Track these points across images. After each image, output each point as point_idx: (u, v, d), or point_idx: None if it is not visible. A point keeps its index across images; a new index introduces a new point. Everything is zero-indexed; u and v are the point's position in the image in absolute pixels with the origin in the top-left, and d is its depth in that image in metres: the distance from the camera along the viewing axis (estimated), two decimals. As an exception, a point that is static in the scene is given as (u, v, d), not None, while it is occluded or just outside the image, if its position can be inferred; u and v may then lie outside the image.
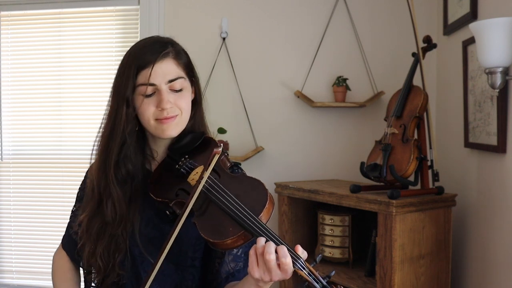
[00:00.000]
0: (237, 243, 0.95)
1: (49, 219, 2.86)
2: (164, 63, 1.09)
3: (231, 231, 0.94)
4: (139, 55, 1.10)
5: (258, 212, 0.95)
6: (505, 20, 1.44)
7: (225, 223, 0.96)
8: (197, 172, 1.08)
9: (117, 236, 1.11)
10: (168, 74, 1.10)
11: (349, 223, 2.11)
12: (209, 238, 0.95)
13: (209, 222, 0.98)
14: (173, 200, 1.05)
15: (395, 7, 2.46)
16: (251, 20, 2.59)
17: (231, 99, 2.58)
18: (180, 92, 1.12)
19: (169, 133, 1.12)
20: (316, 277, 0.90)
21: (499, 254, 1.69)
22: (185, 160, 1.12)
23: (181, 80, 1.12)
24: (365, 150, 2.21)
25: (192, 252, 1.13)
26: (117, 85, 1.12)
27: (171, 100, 1.10)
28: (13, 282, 2.92)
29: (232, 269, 1.11)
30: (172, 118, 1.11)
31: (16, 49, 2.85)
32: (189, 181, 1.07)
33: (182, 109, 1.12)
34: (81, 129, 2.80)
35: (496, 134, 1.67)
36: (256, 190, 1.01)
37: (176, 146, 1.16)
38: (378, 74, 2.48)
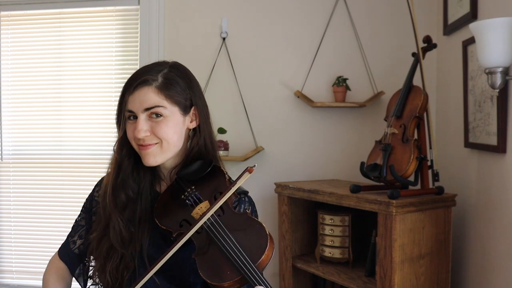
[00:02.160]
0: (233, 287, 0.98)
1: (49, 219, 2.86)
2: (142, 92, 1.09)
3: (229, 275, 0.97)
4: (129, 80, 1.13)
5: (257, 258, 0.98)
6: (505, 20, 1.44)
7: (224, 266, 0.98)
8: (201, 207, 1.09)
9: (126, 256, 1.13)
10: (144, 102, 1.09)
11: (349, 223, 2.11)
12: (207, 279, 0.98)
13: (209, 262, 1.01)
14: (176, 231, 1.08)
15: (395, 7, 2.46)
16: (251, 20, 2.59)
17: (231, 99, 2.58)
18: (160, 119, 1.10)
19: (147, 161, 1.12)
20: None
21: (499, 254, 1.69)
22: (191, 191, 1.13)
23: (161, 109, 1.10)
24: (365, 150, 2.21)
25: (193, 277, 1.14)
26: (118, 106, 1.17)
27: (147, 128, 1.10)
28: (13, 282, 2.92)
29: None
30: (149, 146, 1.11)
31: (16, 49, 2.85)
32: (193, 215, 1.09)
33: (162, 138, 1.11)
34: (81, 129, 2.80)
35: (496, 134, 1.67)
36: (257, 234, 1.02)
37: (184, 172, 1.16)
38: (378, 74, 2.48)
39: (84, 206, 1.29)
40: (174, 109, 1.12)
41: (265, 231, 1.01)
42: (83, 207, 1.29)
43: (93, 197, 1.27)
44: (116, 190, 1.14)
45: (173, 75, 1.13)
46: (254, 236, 1.02)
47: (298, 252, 2.30)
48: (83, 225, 1.27)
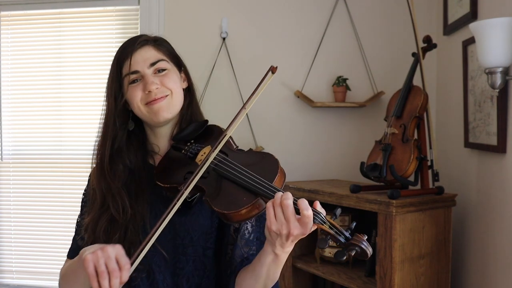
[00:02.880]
0: (252, 212, 0.94)
1: (49, 219, 2.86)
2: (143, 50, 1.15)
3: (245, 200, 0.93)
4: (119, 51, 1.17)
5: (271, 179, 0.95)
6: (505, 20, 1.44)
7: (238, 194, 0.95)
8: (204, 152, 1.08)
9: (128, 231, 1.11)
10: (148, 59, 1.14)
11: (349, 223, 2.11)
12: (224, 210, 0.93)
13: (222, 196, 0.97)
14: (182, 183, 1.04)
15: (395, 7, 2.46)
16: (251, 20, 2.59)
17: (231, 99, 2.58)
18: (165, 73, 1.16)
19: (162, 114, 1.13)
20: (339, 230, 0.90)
21: (499, 254, 1.69)
22: (190, 145, 1.13)
23: (164, 62, 1.16)
24: (365, 150, 2.21)
25: (203, 242, 1.13)
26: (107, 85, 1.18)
27: (157, 82, 1.13)
28: (13, 282, 2.92)
29: (246, 253, 1.11)
30: (161, 99, 1.13)
31: (16, 49, 2.85)
32: (197, 162, 1.07)
33: (171, 89, 1.15)
34: (81, 129, 2.80)
35: (496, 134, 1.67)
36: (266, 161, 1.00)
37: (180, 135, 1.17)
38: (378, 74, 2.48)
39: (83, 200, 1.28)
40: (172, 64, 1.19)
41: (273, 157, 1.00)
42: (82, 202, 1.28)
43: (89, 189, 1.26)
44: (113, 159, 1.16)
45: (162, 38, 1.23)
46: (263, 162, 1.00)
47: (298, 252, 2.30)
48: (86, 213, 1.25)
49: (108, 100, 1.17)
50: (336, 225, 0.90)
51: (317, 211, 0.91)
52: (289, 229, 0.89)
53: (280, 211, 0.89)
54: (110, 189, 1.14)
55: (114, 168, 1.15)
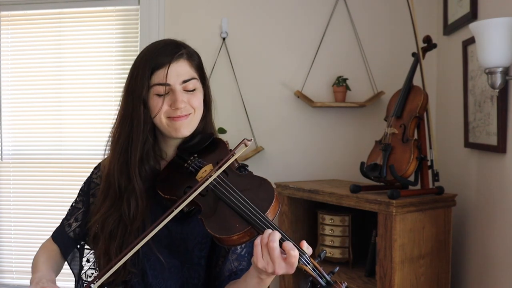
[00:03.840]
0: (243, 239, 0.96)
1: (49, 219, 2.85)
2: (179, 64, 1.13)
3: (238, 227, 0.95)
4: (153, 56, 1.12)
5: (265, 209, 0.97)
6: (505, 20, 1.44)
7: (232, 219, 0.97)
8: (205, 170, 1.09)
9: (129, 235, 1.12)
10: (182, 75, 1.12)
11: (349, 223, 2.11)
12: (216, 233, 0.96)
13: (216, 219, 0.99)
14: (180, 197, 1.05)
15: (395, 7, 2.46)
16: (251, 20, 2.59)
17: (231, 99, 2.58)
18: (193, 92, 1.15)
19: (182, 131, 1.13)
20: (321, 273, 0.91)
21: (499, 254, 1.69)
22: (193, 158, 1.14)
23: (194, 81, 1.15)
24: (365, 150, 2.21)
25: (198, 251, 1.14)
26: (132, 86, 1.14)
27: (185, 100, 1.13)
28: (13, 282, 2.91)
29: (235, 268, 1.12)
30: (185, 117, 1.13)
31: (16, 49, 2.85)
32: (197, 179, 1.08)
33: (196, 108, 1.15)
34: (81, 129, 2.80)
35: (496, 134, 1.67)
36: (263, 188, 1.02)
37: (185, 145, 1.18)
38: (378, 74, 2.48)
39: (82, 189, 1.28)
40: (200, 82, 1.18)
41: (271, 186, 1.02)
42: (80, 190, 1.28)
43: (91, 179, 1.27)
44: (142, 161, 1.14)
45: (192, 50, 1.20)
46: (260, 190, 1.02)
47: (298, 252, 2.30)
48: (79, 208, 1.25)
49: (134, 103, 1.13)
50: (319, 268, 0.92)
51: (302, 251, 0.92)
52: (274, 269, 0.91)
53: (266, 251, 0.91)
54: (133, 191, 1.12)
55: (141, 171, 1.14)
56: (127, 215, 1.12)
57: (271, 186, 1.03)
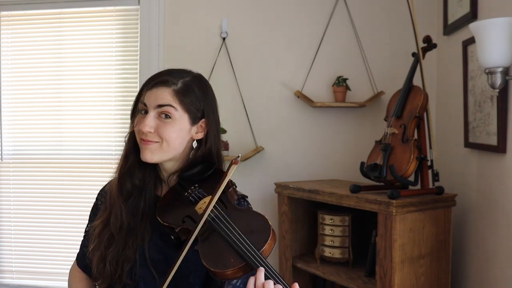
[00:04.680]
0: (237, 274, 0.98)
1: (49, 219, 2.86)
2: (160, 90, 1.14)
3: (232, 262, 0.97)
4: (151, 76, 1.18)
5: (260, 246, 0.98)
6: (505, 20, 1.44)
7: (227, 254, 0.99)
8: (205, 201, 1.11)
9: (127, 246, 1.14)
10: (159, 100, 1.13)
11: (349, 223, 2.11)
12: (210, 267, 0.98)
13: (212, 252, 1.01)
14: (179, 226, 1.08)
15: (395, 7, 2.46)
16: (251, 20, 2.59)
17: (231, 99, 2.58)
18: (168, 121, 1.13)
19: (144, 156, 1.14)
20: None
21: (499, 254, 1.69)
22: (194, 188, 1.15)
23: (171, 109, 1.13)
24: (365, 150, 2.21)
25: (192, 278, 1.15)
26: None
27: (153, 125, 1.13)
28: (13, 282, 2.91)
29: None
30: (150, 143, 1.14)
31: (16, 49, 2.85)
32: (197, 210, 1.10)
33: (163, 139, 1.13)
34: (81, 129, 2.80)
35: (496, 134, 1.67)
36: (260, 225, 1.03)
37: (187, 174, 1.19)
38: (378, 74, 2.48)
39: (90, 215, 1.31)
40: (184, 115, 1.15)
41: (268, 223, 1.03)
42: (89, 216, 1.31)
43: (97, 206, 1.29)
44: (122, 178, 1.18)
45: (193, 84, 1.18)
46: (256, 226, 1.03)
47: (298, 252, 2.30)
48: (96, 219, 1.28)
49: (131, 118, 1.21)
50: None
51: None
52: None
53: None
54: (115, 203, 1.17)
55: (122, 186, 1.18)
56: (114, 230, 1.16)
57: (267, 222, 1.03)
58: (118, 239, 1.14)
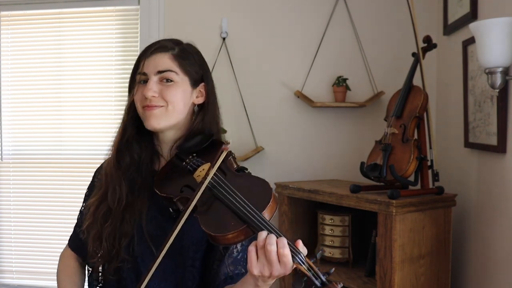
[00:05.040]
0: (238, 238, 0.95)
1: (49, 219, 2.86)
2: (158, 56, 1.16)
3: (233, 226, 0.94)
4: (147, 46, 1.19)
5: (261, 208, 0.96)
6: (505, 20, 1.44)
7: (228, 218, 0.97)
8: (203, 169, 1.09)
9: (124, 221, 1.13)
10: (159, 66, 1.15)
11: (349, 223, 2.11)
12: (210, 232, 0.95)
13: (212, 217, 0.99)
14: (177, 196, 1.06)
15: (395, 7, 2.46)
16: (251, 20, 2.59)
17: (231, 99, 2.58)
18: (170, 84, 1.15)
19: (151, 123, 1.14)
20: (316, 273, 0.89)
21: (499, 254, 1.69)
22: (192, 157, 1.14)
23: (172, 74, 1.16)
24: (365, 150, 2.21)
25: (193, 253, 1.14)
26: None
27: (156, 90, 1.14)
28: (13, 282, 2.91)
29: (231, 272, 1.11)
30: (155, 107, 1.14)
31: (16, 49, 2.85)
32: (195, 177, 1.08)
33: (169, 102, 1.15)
34: (81, 129, 2.80)
35: (496, 134, 1.67)
36: (260, 188, 1.02)
37: (184, 145, 1.18)
38: (378, 74, 2.48)
39: (86, 194, 1.30)
40: (185, 78, 1.18)
41: (269, 186, 1.01)
42: (85, 196, 1.30)
43: (93, 184, 1.28)
44: (120, 151, 1.19)
45: (189, 48, 1.24)
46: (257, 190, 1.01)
47: (298, 252, 2.30)
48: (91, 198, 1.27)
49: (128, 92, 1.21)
50: (314, 268, 0.90)
51: (297, 250, 0.90)
52: (271, 272, 0.90)
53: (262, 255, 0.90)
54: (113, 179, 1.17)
55: (120, 160, 1.18)
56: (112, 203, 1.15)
57: (269, 186, 1.02)
58: (115, 214, 1.14)
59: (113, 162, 1.18)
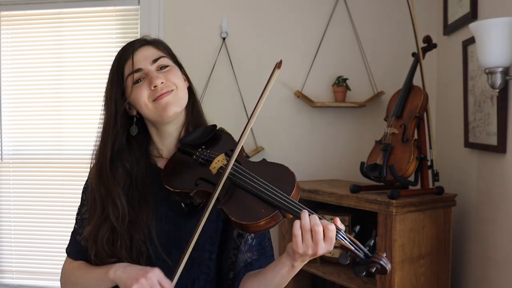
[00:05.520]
0: (270, 224, 0.95)
1: (49, 219, 2.86)
2: (144, 49, 1.16)
3: (264, 212, 0.94)
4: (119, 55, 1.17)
5: (289, 191, 0.96)
6: (505, 20, 1.44)
7: (256, 205, 0.96)
8: (218, 160, 1.07)
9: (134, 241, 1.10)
10: (150, 56, 1.15)
11: (349, 223, 2.11)
12: (242, 221, 0.94)
13: (238, 206, 0.98)
14: (193, 190, 1.04)
15: (395, 7, 2.46)
16: (251, 20, 2.59)
17: (231, 99, 2.58)
18: (168, 69, 1.16)
19: (170, 108, 1.12)
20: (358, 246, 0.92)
21: (499, 254, 1.69)
22: (202, 150, 1.12)
23: (165, 59, 1.17)
24: (365, 150, 2.21)
25: (209, 246, 1.13)
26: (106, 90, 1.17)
27: (161, 77, 1.13)
28: (13, 282, 2.91)
29: (249, 258, 1.12)
30: (167, 93, 1.12)
31: (16, 49, 2.85)
32: (211, 169, 1.06)
33: (176, 84, 1.14)
34: (81, 129, 2.80)
35: (496, 134, 1.67)
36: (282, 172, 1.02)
37: (187, 139, 1.16)
38: (378, 74, 2.48)
39: (82, 198, 1.26)
40: (173, 63, 1.19)
41: (288, 169, 1.01)
42: (81, 200, 1.26)
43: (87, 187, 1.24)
44: (113, 163, 1.14)
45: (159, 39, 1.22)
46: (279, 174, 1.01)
47: (298, 252, 2.30)
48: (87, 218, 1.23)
49: (108, 105, 1.15)
50: (356, 242, 0.93)
51: (338, 228, 0.93)
52: (317, 250, 0.92)
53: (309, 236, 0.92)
54: (110, 194, 1.11)
55: (114, 172, 1.13)
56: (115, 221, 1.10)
57: (289, 169, 1.01)
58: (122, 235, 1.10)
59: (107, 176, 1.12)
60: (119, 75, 1.14)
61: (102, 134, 1.16)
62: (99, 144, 1.17)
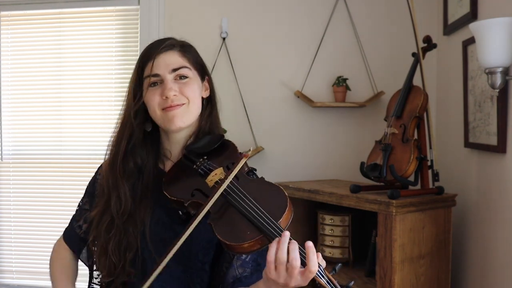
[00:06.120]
0: (253, 247, 0.93)
1: (49, 219, 2.86)
2: (168, 55, 1.14)
3: (249, 235, 0.93)
4: (144, 52, 1.16)
5: (278, 217, 0.94)
6: (505, 20, 1.44)
7: (243, 227, 0.95)
8: (216, 173, 1.07)
9: (128, 234, 1.11)
10: (171, 64, 1.13)
11: (349, 223, 2.11)
12: (226, 240, 0.93)
13: (226, 225, 0.97)
14: (188, 200, 1.04)
15: (395, 7, 2.46)
16: (251, 20, 2.59)
17: (231, 99, 2.58)
18: (186, 81, 1.14)
19: (176, 122, 1.12)
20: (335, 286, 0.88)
21: (499, 254, 1.69)
22: (203, 161, 1.11)
23: (186, 70, 1.15)
24: (365, 150, 2.21)
25: (202, 256, 1.12)
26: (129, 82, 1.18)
27: (175, 89, 1.12)
28: (13, 282, 2.91)
29: (239, 275, 1.10)
30: (177, 106, 1.12)
31: (16, 49, 2.85)
32: (207, 182, 1.06)
33: (189, 98, 1.13)
34: (81, 129, 2.80)
35: (496, 134, 1.67)
36: (276, 196, 0.99)
37: (193, 146, 1.15)
38: (378, 74, 2.48)
39: (87, 190, 1.28)
40: (195, 73, 1.18)
41: (284, 193, 0.99)
42: (86, 191, 1.28)
43: (95, 180, 1.27)
44: (126, 156, 1.15)
45: (188, 44, 1.22)
46: (272, 197, 0.99)
47: (298, 252, 2.30)
48: (87, 209, 1.26)
49: (128, 98, 1.17)
50: (334, 281, 0.89)
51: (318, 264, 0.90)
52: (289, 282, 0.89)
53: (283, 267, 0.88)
54: (116, 187, 1.14)
55: (125, 166, 1.15)
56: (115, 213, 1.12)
57: (284, 193, 0.99)
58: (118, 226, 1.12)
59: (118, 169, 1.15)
60: (140, 71, 1.15)
61: (120, 126, 1.18)
62: (116, 135, 1.18)
